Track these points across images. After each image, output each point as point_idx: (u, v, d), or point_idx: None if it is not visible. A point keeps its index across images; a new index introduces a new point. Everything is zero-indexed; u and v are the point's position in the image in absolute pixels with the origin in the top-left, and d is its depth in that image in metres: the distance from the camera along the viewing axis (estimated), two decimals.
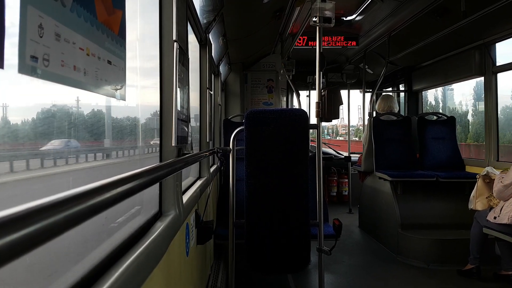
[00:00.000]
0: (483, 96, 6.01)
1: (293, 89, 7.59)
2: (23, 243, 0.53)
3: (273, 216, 3.51)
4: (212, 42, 4.28)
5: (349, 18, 6.46)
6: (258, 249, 3.56)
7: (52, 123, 1.33)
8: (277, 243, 3.53)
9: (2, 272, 0.53)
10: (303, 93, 10.37)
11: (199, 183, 3.44)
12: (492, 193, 4.55)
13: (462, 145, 11.54)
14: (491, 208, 4.58)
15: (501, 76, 5.78)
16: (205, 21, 3.80)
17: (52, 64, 0.86)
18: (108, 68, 1.23)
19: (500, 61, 5.78)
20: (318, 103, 3.65)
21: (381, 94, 8.72)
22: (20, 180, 1.22)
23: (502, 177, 4.43)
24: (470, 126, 11.89)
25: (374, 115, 7.38)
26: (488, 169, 4.68)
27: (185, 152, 2.37)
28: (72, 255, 1.34)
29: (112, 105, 1.72)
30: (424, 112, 8.43)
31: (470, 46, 6.05)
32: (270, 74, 8.61)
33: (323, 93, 3.65)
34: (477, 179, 4.81)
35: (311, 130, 4.04)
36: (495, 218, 4.39)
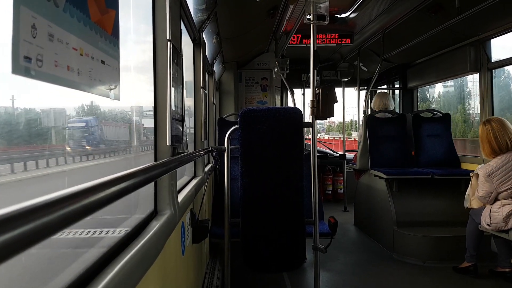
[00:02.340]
0: None
1: (288, 87, 7.60)
2: (17, 242, 0.54)
3: (268, 215, 3.52)
4: (206, 41, 4.28)
5: (343, 15, 6.45)
6: (254, 248, 3.57)
7: None
8: (273, 242, 3.54)
9: None
10: (298, 91, 10.38)
11: (194, 182, 3.44)
12: None
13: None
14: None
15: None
16: (198, 20, 3.79)
17: (45, 65, 0.86)
18: (102, 68, 1.23)
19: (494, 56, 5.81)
20: (312, 101, 3.66)
21: (376, 91, 8.73)
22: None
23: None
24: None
25: (369, 112, 7.39)
26: (481, 166, 4.69)
27: (180, 151, 2.37)
28: (69, 254, 1.34)
29: None
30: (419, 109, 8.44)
31: (465, 42, 6.06)
32: (265, 73, 8.62)
33: (317, 91, 3.66)
34: (471, 177, 4.82)
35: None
36: (489, 225, 4.41)
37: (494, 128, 4.54)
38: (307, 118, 3.93)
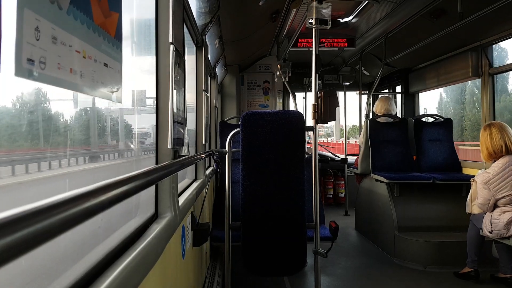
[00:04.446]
0: None
1: (289, 91, 7.60)
2: (19, 245, 0.54)
3: (269, 219, 3.52)
4: (208, 44, 4.28)
5: (345, 20, 6.46)
6: (254, 252, 3.56)
7: None
8: (273, 246, 3.53)
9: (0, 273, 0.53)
10: (300, 95, 10.37)
11: (195, 185, 3.43)
12: None
13: None
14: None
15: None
16: (201, 23, 3.80)
17: (48, 67, 0.86)
18: (105, 71, 1.23)
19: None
20: (314, 105, 3.66)
21: (378, 95, 8.73)
22: None
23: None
24: None
25: (371, 117, 7.39)
26: (481, 172, 4.69)
27: (181, 154, 2.37)
28: (68, 257, 1.34)
29: None
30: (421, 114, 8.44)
31: (467, 48, 6.06)
32: (266, 76, 8.63)
33: (319, 95, 3.65)
34: (472, 183, 4.81)
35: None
36: (491, 232, 4.40)
37: (492, 132, 4.56)
38: (309, 121, 3.92)
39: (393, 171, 6.30)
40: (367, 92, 8.56)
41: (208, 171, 4.30)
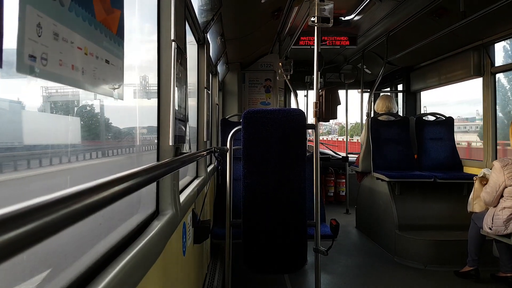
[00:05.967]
0: None
1: (291, 89, 7.60)
2: (20, 241, 0.54)
3: (270, 216, 3.52)
4: (210, 42, 4.28)
5: (347, 18, 6.44)
6: (255, 249, 3.57)
7: None
8: (274, 243, 3.54)
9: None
10: (301, 93, 10.36)
11: (196, 182, 3.44)
12: None
13: None
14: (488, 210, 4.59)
15: None
16: (203, 21, 3.80)
17: (50, 63, 0.87)
18: (106, 68, 1.24)
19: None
20: (316, 103, 3.65)
21: (379, 94, 8.73)
22: None
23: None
24: None
25: (372, 115, 7.39)
26: (485, 170, 4.68)
27: (183, 151, 2.37)
28: (69, 253, 1.34)
29: None
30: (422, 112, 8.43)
31: (469, 46, 6.05)
32: (268, 74, 8.63)
33: (321, 93, 3.65)
34: (475, 181, 4.81)
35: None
36: (490, 229, 4.40)
37: None
38: (310, 119, 3.93)
39: (394, 170, 6.30)
40: (369, 90, 8.56)
41: (209, 169, 4.31)
